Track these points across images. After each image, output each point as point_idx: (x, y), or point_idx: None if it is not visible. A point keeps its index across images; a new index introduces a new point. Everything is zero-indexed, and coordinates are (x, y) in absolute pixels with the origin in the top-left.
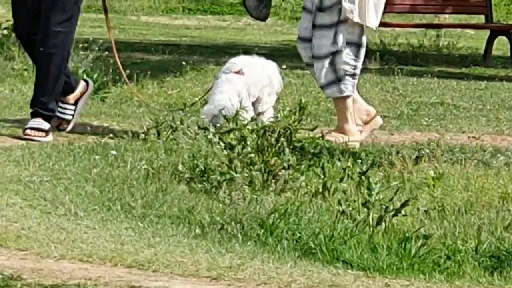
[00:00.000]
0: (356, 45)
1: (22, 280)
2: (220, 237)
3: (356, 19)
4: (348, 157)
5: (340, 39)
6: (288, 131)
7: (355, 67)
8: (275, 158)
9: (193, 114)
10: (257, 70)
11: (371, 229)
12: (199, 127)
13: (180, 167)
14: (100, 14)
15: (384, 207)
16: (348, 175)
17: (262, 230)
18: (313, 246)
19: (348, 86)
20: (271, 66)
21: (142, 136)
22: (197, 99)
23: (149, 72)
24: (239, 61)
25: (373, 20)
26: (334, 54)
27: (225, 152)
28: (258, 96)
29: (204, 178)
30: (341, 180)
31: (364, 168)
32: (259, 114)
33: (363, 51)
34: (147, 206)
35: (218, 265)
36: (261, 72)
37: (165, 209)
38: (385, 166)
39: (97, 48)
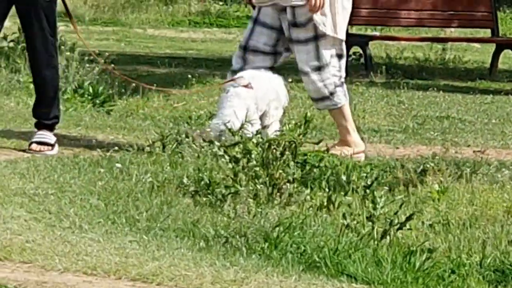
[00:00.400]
0: (338, 56)
1: None
2: (224, 250)
3: (328, 31)
4: (352, 171)
5: (324, 54)
6: (293, 145)
7: (340, 77)
8: (280, 171)
9: (199, 128)
10: (264, 83)
11: (376, 242)
12: (204, 140)
13: (185, 180)
14: (107, 27)
15: (388, 220)
16: (352, 188)
17: (267, 244)
18: (317, 259)
19: (341, 97)
20: (278, 80)
21: (147, 149)
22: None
23: (155, 85)
24: (246, 75)
25: (343, 32)
26: (320, 68)
27: (230, 165)
28: (265, 110)
29: (209, 191)
30: (345, 194)
31: (369, 182)
32: (264, 127)
33: (344, 60)
34: (151, 219)
35: (223, 278)
36: (268, 86)
37: (170, 222)
38: (390, 180)
39: (103, 60)
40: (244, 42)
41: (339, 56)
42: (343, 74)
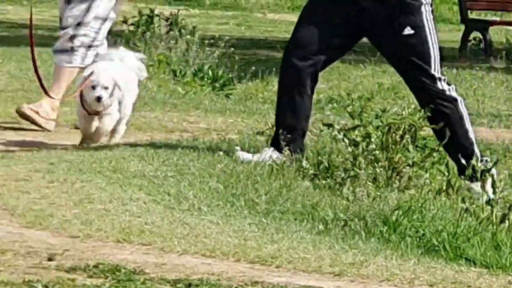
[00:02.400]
0: (102, 20)
1: (145, 275)
2: (343, 233)
3: None
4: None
5: (92, 13)
6: (413, 129)
7: (94, 39)
8: (399, 155)
9: (318, 111)
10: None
11: (495, 226)
12: (323, 124)
13: (304, 163)
14: (226, 11)
15: (508, 205)
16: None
17: (386, 227)
18: (436, 243)
19: (78, 58)
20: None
21: (267, 132)
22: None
23: (274, 69)
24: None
25: None
26: (79, 24)
27: (349, 149)
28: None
29: (328, 174)
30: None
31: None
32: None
33: (108, 25)
34: (270, 202)
35: (341, 261)
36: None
37: (289, 205)
38: (510, 164)
39: (223, 44)
40: None
41: (104, 20)
42: (100, 39)
